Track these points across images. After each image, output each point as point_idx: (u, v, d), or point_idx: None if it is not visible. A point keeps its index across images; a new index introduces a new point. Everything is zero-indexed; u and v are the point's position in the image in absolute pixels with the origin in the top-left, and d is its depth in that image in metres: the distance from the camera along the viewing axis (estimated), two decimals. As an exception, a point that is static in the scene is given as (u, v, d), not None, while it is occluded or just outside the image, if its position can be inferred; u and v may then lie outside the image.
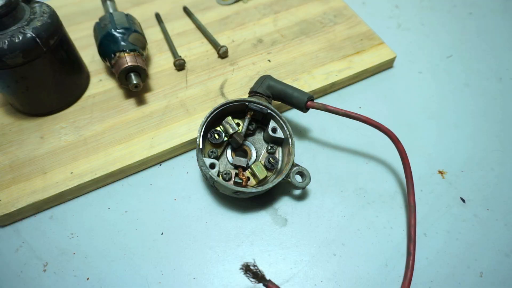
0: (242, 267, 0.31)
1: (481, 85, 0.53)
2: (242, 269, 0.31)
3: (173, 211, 0.40)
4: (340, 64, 0.51)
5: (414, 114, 0.49)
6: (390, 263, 0.38)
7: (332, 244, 0.39)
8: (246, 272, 0.31)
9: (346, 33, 0.55)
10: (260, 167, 0.40)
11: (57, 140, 0.43)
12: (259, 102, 0.41)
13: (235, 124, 0.40)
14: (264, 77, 0.44)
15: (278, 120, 0.41)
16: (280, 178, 0.38)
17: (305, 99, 0.41)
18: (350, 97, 0.51)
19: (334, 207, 0.41)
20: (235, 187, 0.37)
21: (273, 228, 0.40)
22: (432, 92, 0.52)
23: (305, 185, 0.39)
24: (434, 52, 0.57)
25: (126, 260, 0.37)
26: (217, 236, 0.39)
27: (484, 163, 0.45)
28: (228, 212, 0.41)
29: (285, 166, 0.40)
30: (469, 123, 0.49)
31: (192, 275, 0.37)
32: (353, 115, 0.40)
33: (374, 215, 0.41)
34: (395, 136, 0.40)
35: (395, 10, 0.63)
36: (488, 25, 0.61)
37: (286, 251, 0.38)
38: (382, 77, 0.53)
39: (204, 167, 0.37)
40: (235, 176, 0.40)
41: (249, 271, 0.31)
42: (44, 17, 0.40)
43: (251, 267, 0.31)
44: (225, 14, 0.57)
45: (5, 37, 0.37)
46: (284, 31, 0.55)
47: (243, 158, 0.40)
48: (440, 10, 0.63)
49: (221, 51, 0.51)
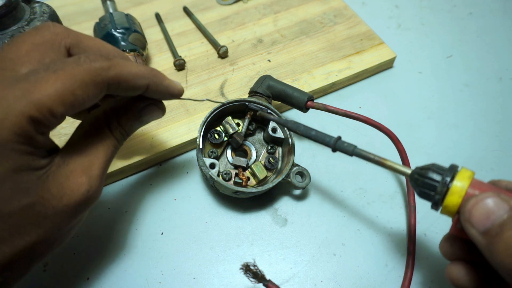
0: (242, 267, 0.31)
1: (481, 85, 0.53)
2: (242, 269, 0.31)
3: (173, 211, 0.40)
4: (340, 64, 0.51)
5: (414, 114, 0.49)
6: (390, 263, 0.38)
7: (332, 244, 0.39)
8: (246, 272, 0.31)
9: (346, 33, 0.55)
10: (260, 167, 0.40)
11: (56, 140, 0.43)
12: (259, 102, 0.41)
13: (235, 124, 0.40)
14: (264, 77, 0.44)
15: (278, 120, 0.41)
16: (280, 178, 0.38)
17: (305, 99, 0.41)
18: (350, 97, 0.51)
19: (334, 207, 0.41)
20: (235, 187, 0.37)
21: (273, 228, 0.40)
22: (432, 92, 0.52)
23: (305, 185, 0.39)
24: (434, 52, 0.57)
25: (126, 260, 0.37)
26: (217, 236, 0.39)
27: (484, 163, 0.45)
28: (228, 212, 0.41)
29: (285, 166, 0.40)
30: (469, 123, 0.49)
31: (192, 275, 0.37)
32: (353, 115, 0.40)
33: (374, 215, 0.41)
34: (395, 136, 0.40)
35: (395, 10, 0.63)
36: (488, 25, 0.61)
37: (286, 251, 0.38)
38: (382, 77, 0.53)
39: (204, 167, 0.37)
40: (235, 176, 0.40)
41: (249, 271, 0.31)
42: (44, 17, 0.40)
43: (251, 267, 0.31)
44: (225, 14, 0.57)
45: (5, 37, 0.37)
46: (284, 31, 0.55)
47: (243, 158, 0.40)
48: (440, 10, 0.63)
49: (221, 51, 0.51)
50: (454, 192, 0.25)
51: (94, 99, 0.25)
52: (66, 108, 0.24)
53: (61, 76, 0.23)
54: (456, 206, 0.25)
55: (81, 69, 0.24)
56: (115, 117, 0.29)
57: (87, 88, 0.24)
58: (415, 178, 0.27)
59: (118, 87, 0.27)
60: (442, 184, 0.26)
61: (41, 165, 0.25)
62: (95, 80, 0.25)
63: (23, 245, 0.25)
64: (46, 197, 0.25)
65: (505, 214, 0.23)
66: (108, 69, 0.25)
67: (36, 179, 0.24)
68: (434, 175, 0.26)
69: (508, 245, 0.22)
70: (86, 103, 0.25)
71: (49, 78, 0.23)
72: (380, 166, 0.30)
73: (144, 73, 0.28)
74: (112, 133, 0.29)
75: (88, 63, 0.25)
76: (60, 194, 0.25)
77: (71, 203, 0.26)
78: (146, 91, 0.29)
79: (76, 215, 0.27)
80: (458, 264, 0.28)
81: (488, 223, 0.23)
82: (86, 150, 0.27)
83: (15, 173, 0.23)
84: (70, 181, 0.26)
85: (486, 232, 0.23)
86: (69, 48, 0.28)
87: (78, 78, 0.24)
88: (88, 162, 0.27)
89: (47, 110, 0.23)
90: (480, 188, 0.25)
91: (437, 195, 0.26)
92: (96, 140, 0.28)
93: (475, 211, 0.24)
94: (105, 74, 0.25)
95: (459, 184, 0.25)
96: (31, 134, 0.23)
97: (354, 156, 0.31)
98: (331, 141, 0.32)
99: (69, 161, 0.26)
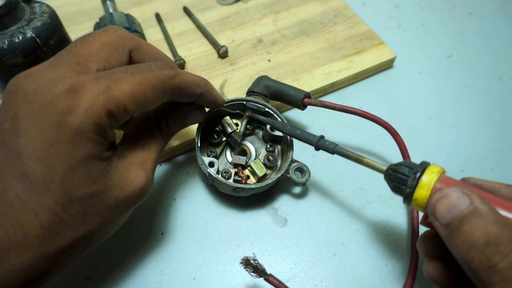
0: (242, 261, 0.30)
1: (481, 85, 0.53)
2: (242, 263, 0.30)
3: (173, 211, 0.40)
4: (340, 64, 0.51)
5: (414, 114, 0.49)
6: (390, 263, 0.38)
7: (332, 244, 0.39)
8: (246, 266, 0.30)
9: (346, 33, 0.55)
10: (259, 164, 0.40)
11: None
12: (257, 101, 0.41)
13: (233, 124, 0.40)
14: (261, 77, 0.44)
15: (276, 118, 0.41)
16: (280, 174, 0.38)
17: (301, 96, 0.41)
18: (350, 97, 0.51)
19: (334, 207, 0.41)
20: (234, 184, 0.37)
21: (273, 228, 0.40)
22: (432, 92, 0.52)
23: (305, 181, 0.39)
24: (434, 52, 0.57)
25: (126, 260, 0.37)
26: (217, 236, 0.39)
27: (484, 163, 0.45)
28: (228, 212, 0.41)
29: (284, 162, 0.40)
30: (469, 123, 0.49)
31: (192, 275, 0.37)
32: (350, 110, 0.41)
33: (374, 215, 0.41)
34: (393, 129, 0.40)
35: (395, 10, 0.63)
36: (488, 25, 0.61)
37: (286, 251, 0.38)
38: (382, 77, 0.53)
39: (203, 166, 0.37)
40: (235, 174, 0.40)
41: (249, 265, 0.30)
42: (44, 17, 0.40)
43: (251, 261, 0.30)
44: (225, 14, 0.57)
45: (5, 37, 0.37)
46: (284, 31, 0.55)
47: (243, 157, 0.40)
48: (440, 10, 0.63)
49: (221, 51, 0.51)
50: (423, 185, 0.26)
51: (158, 102, 0.28)
52: (136, 107, 0.26)
53: (138, 78, 0.26)
54: (425, 199, 0.26)
55: (153, 75, 0.27)
56: (164, 118, 0.32)
57: (156, 92, 0.27)
58: (389, 173, 0.29)
59: (179, 94, 0.30)
60: (412, 179, 0.27)
61: (107, 156, 0.27)
62: (163, 86, 0.28)
63: (83, 233, 0.26)
64: (110, 187, 0.27)
65: (466, 209, 0.23)
66: (174, 77, 0.28)
67: (102, 169, 0.26)
68: (406, 170, 0.28)
69: (465, 239, 0.23)
70: (151, 105, 0.28)
71: (128, 79, 0.26)
72: (359, 163, 0.32)
73: (200, 82, 0.31)
74: (161, 132, 0.31)
75: (158, 70, 0.28)
76: (121, 185, 0.27)
77: (130, 194, 0.28)
78: (199, 98, 0.32)
79: (130, 208, 0.29)
80: (433, 261, 0.29)
81: (450, 217, 0.24)
82: (141, 146, 0.30)
83: (88, 161, 0.25)
84: (129, 173, 0.28)
85: (447, 225, 0.24)
86: (131, 51, 0.31)
87: (151, 82, 0.27)
88: (143, 157, 0.29)
89: (123, 106, 0.26)
90: (448, 183, 0.26)
91: (407, 188, 0.27)
92: (148, 137, 0.30)
93: (439, 205, 0.25)
94: (171, 81, 0.28)
95: (428, 178, 0.26)
96: (105, 126, 0.25)
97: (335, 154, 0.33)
98: (314, 139, 0.35)
99: (126, 155, 0.28)
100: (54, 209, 0.24)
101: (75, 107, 0.24)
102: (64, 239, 0.25)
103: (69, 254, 0.26)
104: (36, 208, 0.24)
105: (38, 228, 0.24)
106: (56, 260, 0.26)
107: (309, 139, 0.35)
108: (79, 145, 0.24)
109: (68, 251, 0.26)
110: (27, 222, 0.24)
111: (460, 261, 0.24)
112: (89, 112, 0.24)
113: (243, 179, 0.39)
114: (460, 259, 0.24)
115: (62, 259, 0.26)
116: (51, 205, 0.24)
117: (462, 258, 0.23)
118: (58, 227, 0.25)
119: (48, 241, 0.24)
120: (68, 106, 0.24)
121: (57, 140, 0.24)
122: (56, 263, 0.26)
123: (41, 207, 0.24)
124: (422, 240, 0.30)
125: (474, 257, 0.22)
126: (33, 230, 0.24)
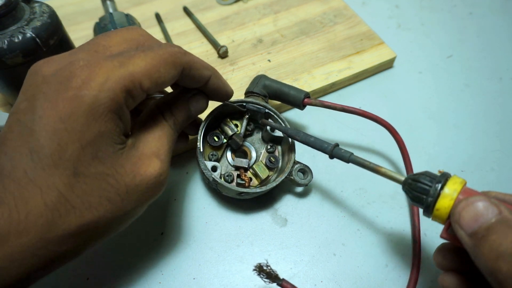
0: (255, 268, 0.31)
1: (481, 85, 0.53)
2: (255, 270, 0.31)
3: (173, 211, 0.40)
4: (340, 64, 0.51)
5: (414, 114, 0.49)
6: (390, 263, 0.38)
7: (332, 244, 0.39)
8: (259, 273, 0.31)
9: (346, 33, 0.55)
10: (262, 166, 0.40)
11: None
12: (256, 102, 0.41)
13: (233, 126, 0.40)
14: (259, 76, 0.43)
15: (276, 118, 0.41)
16: (283, 176, 0.38)
17: (301, 96, 0.41)
18: (350, 97, 0.51)
19: (334, 207, 0.41)
20: (240, 189, 0.37)
21: (273, 228, 0.40)
22: (432, 92, 0.52)
23: (307, 182, 0.39)
24: (434, 52, 0.57)
25: (126, 260, 0.37)
26: (217, 236, 0.39)
27: (484, 163, 0.45)
28: (228, 212, 0.41)
29: (286, 164, 0.40)
30: (469, 123, 0.49)
31: (192, 275, 0.37)
32: (350, 109, 0.41)
33: (374, 215, 0.41)
34: (392, 127, 0.40)
35: (395, 10, 0.63)
36: (488, 25, 0.61)
37: (286, 251, 0.38)
38: (382, 77, 0.53)
39: (206, 171, 0.37)
40: (237, 177, 0.40)
41: (262, 271, 0.31)
42: (44, 17, 0.40)
43: (264, 268, 0.31)
44: (225, 14, 0.57)
45: (4, 37, 0.37)
46: (284, 31, 0.55)
47: (244, 159, 0.40)
48: (440, 10, 0.63)
49: (221, 51, 0.51)
50: (446, 195, 0.26)
51: (171, 80, 0.28)
52: (151, 83, 0.26)
53: (150, 54, 0.27)
54: (448, 209, 0.26)
55: (164, 51, 0.28)
56: (168, 108, 0.32)
57: (169, 67, 0.27)
58: (408, 183, 0.28)
59: (189, 73, 0.30)
60: (434, 188, 0.27)
61: (119, 140, 0.26)
62: (174, 61, 0.28)
63: (89, 219, 0.25)
64: (120, 172, 0.26)
65: (493, 218, 0.23)
66: (184, 55, 0.29)
67: (112, 152, 0.26)
68: (427, 180, 0.27)
69: (492, 248, 0.22)
70: (165, 82, 0.28)
71: (140, 55, 0.26)
72: (376, 173, 0.31)
73: (209, 66, 0.32)
74: (167, 122, 0.31)
75: (169, 47, 0.28)
76: (133, 172, 0.26)
77: (143, 183, 0.27)
78: (206, 84, 0.32)
79: (143, 201, 0.28)
80: (450, 274, 0.29)
81: (476, 225, 0.23)
82: (152, 137, 0.29)
83: (98, 138, 0.24)
84: (143, 163, 0.27)
85: (473, 234, 0.24)
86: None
87: (162, 57, 0.27)
88: (156, 148, 0.29)
89: (138, 82, 0.26)
90: (471, 194, 0.26)
91: (429, 197, 0.27)
92: (157, 129, 0.30)
93: (465, 213, 0.24)
94: (182, 57, 0.29)
95: (451, 188, 0.26)
96: (121, 104, 0.25)
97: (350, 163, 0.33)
98: (328, 147, 0.34)
99: (139, 145, 0.28)
100: (59, 188, 0.23)
101: (90, 81, 0.24)
102: (68, 223, 0.24)
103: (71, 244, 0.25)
104: (42, 186, 0.23)
105: (42, 206, 0.23)
106: (58, 249, 0.24)
107: (323, 147, 0.34)
108: (91, 121, 0.24)
109: (71, 239, 0.25)
110: (31, 200, 0.23)
111: (485, 271, 0.23)
112: (105, 85, 0.24)
113: (246, 181, 0.39)
114: (485, 269, 0.23)
115: (64, 247, 0.25)
116: (57, 183, 0.23)
117: (488, 268, 0.22)
118: (63, 208, 0.24)
119: (51, 223, 0.23)
120: (83, 81, 0.24)
121: (68, 115, 0.23)
122: (57, 253, 0.24)
123: (47, 185, 0.23)
124: (440, 252, 0.30)
125: (502, 267, 0.22)
126: (36, 209, 0.23)
